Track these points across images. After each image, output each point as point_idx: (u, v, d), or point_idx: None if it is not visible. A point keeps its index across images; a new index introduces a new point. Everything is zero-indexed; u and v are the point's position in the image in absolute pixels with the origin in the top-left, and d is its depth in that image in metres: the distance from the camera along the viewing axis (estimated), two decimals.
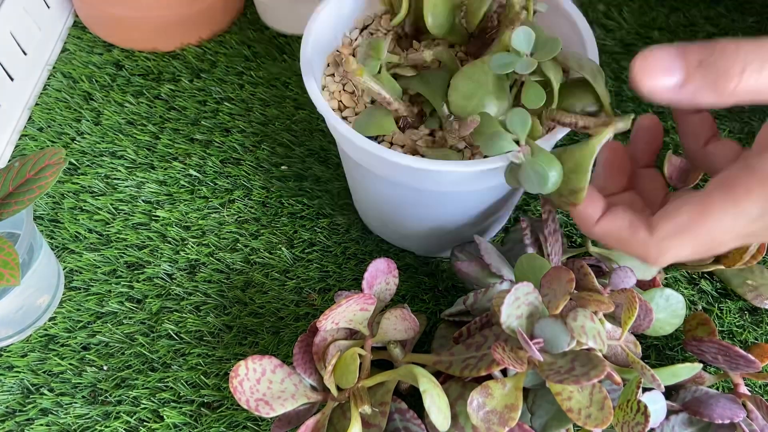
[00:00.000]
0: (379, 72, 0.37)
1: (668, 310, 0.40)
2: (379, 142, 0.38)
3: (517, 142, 0.33)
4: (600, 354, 0.31)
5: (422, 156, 0.37)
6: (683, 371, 0.36)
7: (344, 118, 0.39)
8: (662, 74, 0.28)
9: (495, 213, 0.43)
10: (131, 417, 0.42)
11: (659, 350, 0.44)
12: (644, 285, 0.42)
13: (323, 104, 0.37)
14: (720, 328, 0.45)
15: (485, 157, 0.35)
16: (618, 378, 0.33)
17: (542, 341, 0.32)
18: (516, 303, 0.32)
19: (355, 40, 0.42)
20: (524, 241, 0.40)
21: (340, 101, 0.40)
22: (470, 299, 0.39)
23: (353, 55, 0.41)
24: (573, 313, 0.32)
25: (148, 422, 0.41)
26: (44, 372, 0.43)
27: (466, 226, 0.43)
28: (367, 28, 0.43)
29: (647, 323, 0.38)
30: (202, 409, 0.42)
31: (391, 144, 0.38)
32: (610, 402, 0.31)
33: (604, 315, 0.37)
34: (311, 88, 0.37)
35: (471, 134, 0.36)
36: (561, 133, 0.36)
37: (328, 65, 0.42)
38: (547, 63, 0.35)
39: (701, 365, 0.36)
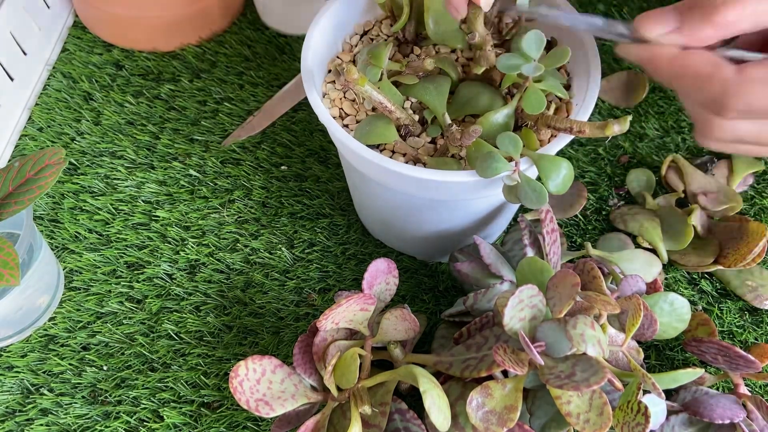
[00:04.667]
0: (380, 80, 0.37)
1: (672, 314, 0.40)
2: (380, 151, 0.38)
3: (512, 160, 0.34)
4: (601, 359, 0.31)
5: (424, 165, 0.37)
6: (684, 377, 0.36)
7: (345, 126, 0.39)
8: (661, 20, 0.32)
9: (497, 218, 0.43)
10: (131, 417, 0.42)
11: (659, 350, 0.44)
12: (647, 288, 0.42)
13: (325, 114, 0.37)
14: (720, 329, 0.45)
15: None
16: (619, 384, 0.33)
17: (544, 345, 0.32)
18: (519, 305, 0.32)
19: (355, 46, 0.42)
20: (523, 241, 0.40)
21: (341, 109, 0.39)
22: (470, 300, 0.39)
23: (353, 62, 0.41)
24: (573, 321, 0.32)
25: (148, 422, 0.41)
26: (44, 372, 0.43)
27: (467, 232, 0.43)
28: (367, 34, 0.43)
29: (651, 333, 0.38)
30: (202, 409, 0.42)
31: (393, 153, 0.38)
32: (609, 408, 0.31)
33: (609, 319, 0.37)
34: (313, 98, 0.37)
35: (468, 152, 0.36)
36: (564, 140, 0.36)
37: (329, 72, 0.41)
38: (550, 71, 0.35)
39: (702, 370, 0.36)
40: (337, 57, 0.42)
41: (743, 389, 0.40)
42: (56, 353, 0.44)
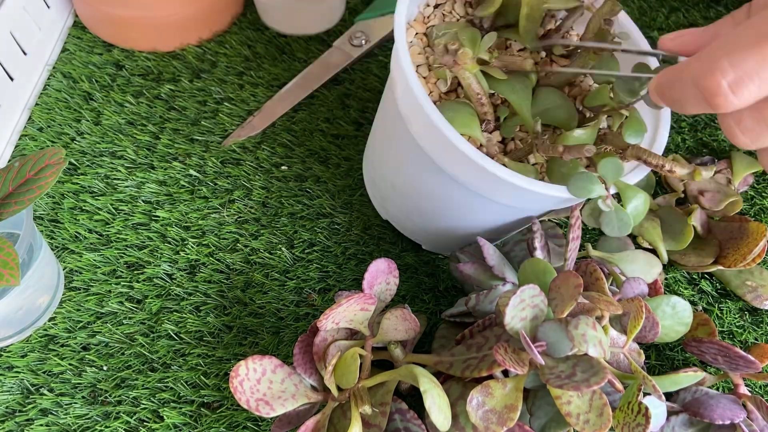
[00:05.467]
0: None
1: (674, 317, 0.40)
2: None
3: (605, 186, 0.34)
4: (602, 360, 0.31)
5: (503, 165, 0.35)
6: (685, 379, 0.36)
7: None
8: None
9: (523, 224, 0.43)
10: (131, 417, 0.42)
11: (659, 350, 0.44)
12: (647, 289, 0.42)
13: (419, 89, 0.34)
14: (720, 329, 0.45)
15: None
16: (619, 385, 0.33)
17: (545, 345, 0.32)
18: (521, 305, 0.32)
19: (428, 17, 0.40)
20: (535, 244, 0.40)
21: None
22: (472, 301, 0.39)
23: (425, 35, 0.39)
24: (575, 321, 0.32)
25: (148, 422, 0.41)
26: (44, 372, 0.43)
27: (488, 232, 0.43)
28: (439, 7, 0.40)
29: (653, 335, 0.38)
30: (202, 409, 0.42)
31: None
32: (609, 408, 0.31)
33: (611, 321, 0.37)
34: (401, 48, 0.34)
35: (550, 164, 0.35)
36: (643, 172, 0.36)
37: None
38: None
39: (704, 374, 0.36)
40: (408, 24, 0.39)
41: (743, 389, 0.40)
42: (56, 353, 0.44)
